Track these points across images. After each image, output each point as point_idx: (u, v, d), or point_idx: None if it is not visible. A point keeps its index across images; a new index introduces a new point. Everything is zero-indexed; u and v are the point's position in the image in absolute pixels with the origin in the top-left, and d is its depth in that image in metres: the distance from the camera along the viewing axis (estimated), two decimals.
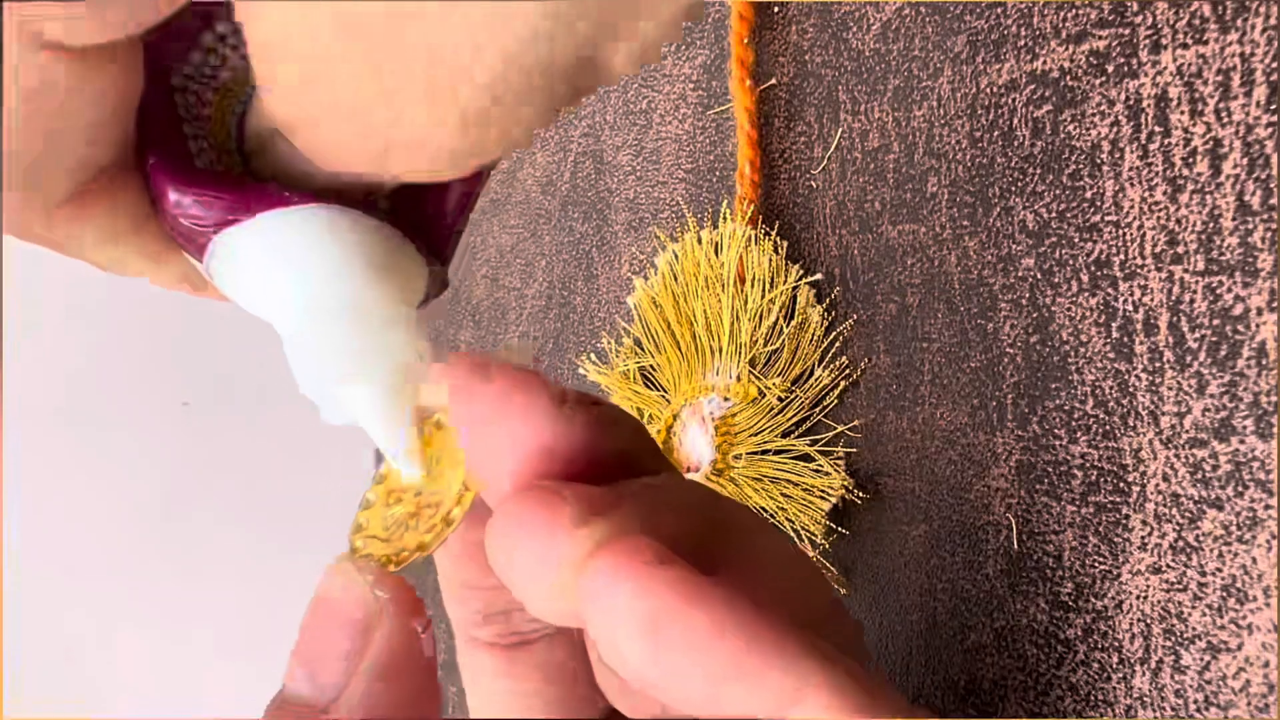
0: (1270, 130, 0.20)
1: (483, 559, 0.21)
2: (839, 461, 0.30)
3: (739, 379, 0.32)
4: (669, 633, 0.16)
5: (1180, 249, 0.22)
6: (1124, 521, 0.23)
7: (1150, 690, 0.22)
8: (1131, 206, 0.22)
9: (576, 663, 0.22)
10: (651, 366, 0.35)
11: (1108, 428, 0.23)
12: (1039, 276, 0.25)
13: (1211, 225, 0.21)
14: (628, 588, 0.16)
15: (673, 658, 0.16)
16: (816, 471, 0.30)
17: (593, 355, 0.41)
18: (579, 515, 0.16)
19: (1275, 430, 0.20)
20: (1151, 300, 0.22)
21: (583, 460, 0.18)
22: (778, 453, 0.31)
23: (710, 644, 0.16)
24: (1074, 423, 0.24)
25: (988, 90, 0.26)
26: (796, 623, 0.17)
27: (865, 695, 0.17)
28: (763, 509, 0.31)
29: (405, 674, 0.18)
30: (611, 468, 0.18)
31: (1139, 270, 0.22)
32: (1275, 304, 0.20)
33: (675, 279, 0.34)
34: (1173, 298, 0.22)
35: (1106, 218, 0.23)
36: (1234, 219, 0.21)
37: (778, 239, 0.32)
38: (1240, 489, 0.20)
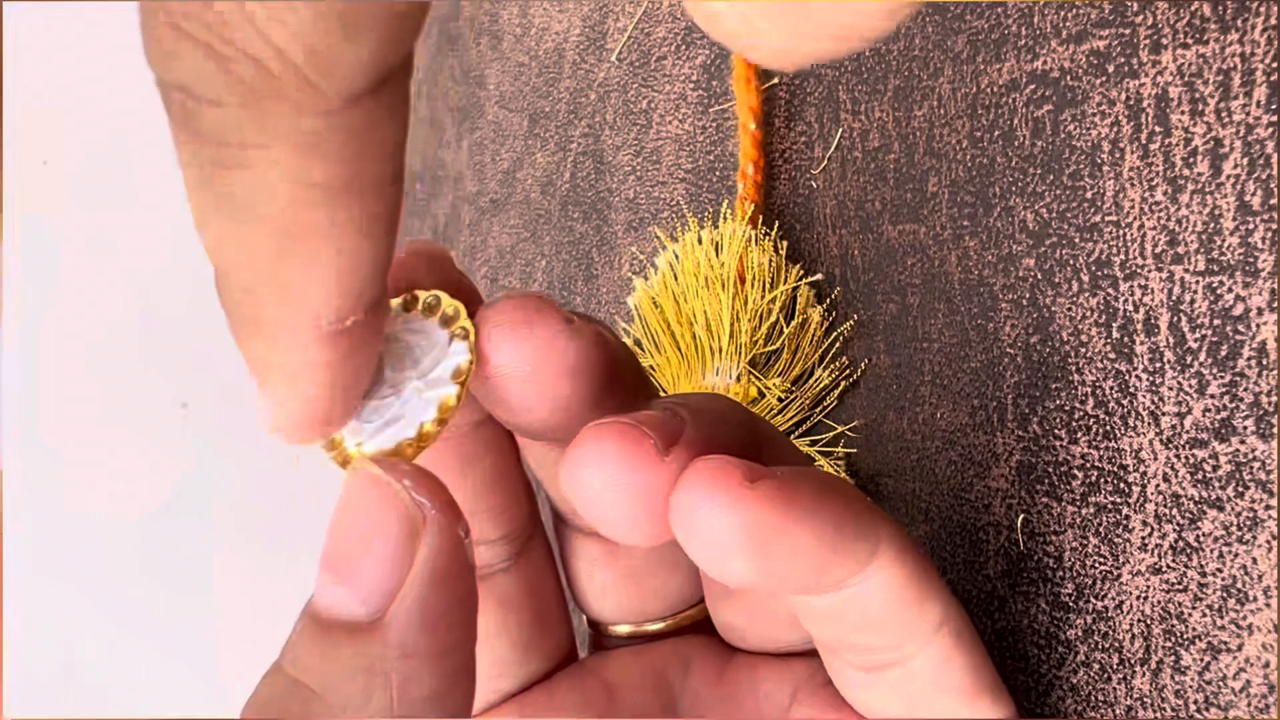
0: (1270, 130, 0.20)
1: (449, 480, 0.21)
2: (839, 462, 0.30)
3: (739, 379, 0.32)
4: (772, 545, 0.16)
5: (1181, 249, 0.21)
6: (1124, 522, 0.22)
7: (1150, 691, 0.22)
8: (1132, 206, 0.22)
9: (536, 591, 0.22)
10: (651, 367, 0.35)
11: (1108, 428, 0.23)
12: (1039, 276, 0.24)
13: (1212, 225, 0.21)
14: (723, 509, 0.16)
15: (777, 565, 0.17)
16: None
17: None
18: (660, 445, 0.17)
19: (1275, 430, 0.20)
20: (1152, 300, 0.22)
21: (599, 377, 0.18)
22: None
23: (810, 545, 0.17)
24: (1074, 423, 0.24)
25: (988, 90, 0.26)
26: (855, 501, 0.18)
27: (922, 559, 0.19)
28: None
29: (453, 586, 0.17)
30: (619, 383, 0.19)
31: (1139, 270, 0.22)
32: (1275, 304, 0.20)
33: (675, 279, 0.34)
34: (1173, 298, 0.22)
35: (1107, 218, 0.23)
36: (1234, 219, 0.21)
37: (778, 239, 0.32)
38: (1240, 489, 0.20)
